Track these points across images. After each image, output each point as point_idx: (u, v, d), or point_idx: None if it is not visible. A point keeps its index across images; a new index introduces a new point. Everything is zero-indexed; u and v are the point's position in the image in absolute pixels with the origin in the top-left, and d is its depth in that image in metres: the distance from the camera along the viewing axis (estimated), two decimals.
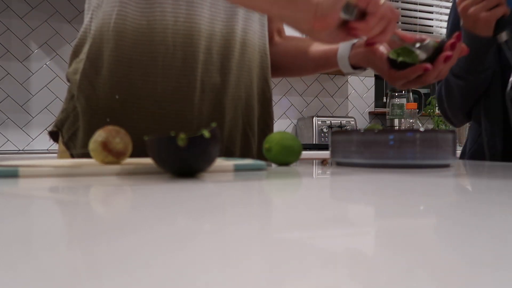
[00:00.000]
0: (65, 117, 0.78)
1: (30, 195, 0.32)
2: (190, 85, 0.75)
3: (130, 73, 0.73)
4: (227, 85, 0.79)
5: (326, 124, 2.63)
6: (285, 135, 0.65)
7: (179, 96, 0.75)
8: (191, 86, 0.75)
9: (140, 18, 0.73)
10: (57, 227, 0.20)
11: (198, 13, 0.75)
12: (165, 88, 0.74)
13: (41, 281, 0.12)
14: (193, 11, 0.75)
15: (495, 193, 0.34)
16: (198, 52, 0.75)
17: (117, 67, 0.73)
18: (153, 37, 0.73)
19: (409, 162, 0.59)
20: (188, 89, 0.75)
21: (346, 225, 0.21)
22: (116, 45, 0.73)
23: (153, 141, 0.44)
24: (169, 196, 0.30)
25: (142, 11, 0.73)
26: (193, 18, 0.75)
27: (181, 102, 0.75)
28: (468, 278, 0.13)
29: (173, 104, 0.74)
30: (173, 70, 0.74)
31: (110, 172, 0.48)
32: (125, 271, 0.13)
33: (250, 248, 0.16)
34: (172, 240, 0.17)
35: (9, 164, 0.52)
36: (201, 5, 0.75)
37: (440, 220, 0.22)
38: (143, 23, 0.73)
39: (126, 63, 0.73)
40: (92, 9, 0.78)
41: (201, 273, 0.13)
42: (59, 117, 0.80)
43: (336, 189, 0.37)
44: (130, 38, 0.73)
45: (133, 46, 0.73)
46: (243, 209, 0.25)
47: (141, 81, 0.73)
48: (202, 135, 0.43)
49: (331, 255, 0.15)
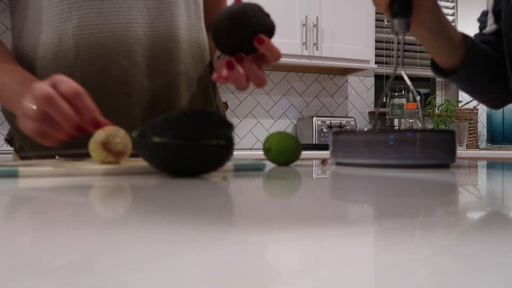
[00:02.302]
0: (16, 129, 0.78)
1: (29, 195, 0.32)
2: (124, 97, 0.72)
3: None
4: (157, 88, 0.75)
5: (326, 124, 2.63)
6: (284, 135, 0.65)
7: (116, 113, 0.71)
8: (124, 95, 0.72)
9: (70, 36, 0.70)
10: (57, 227, 0.20)
11: (112, 21, 0.71)
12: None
13: (41, 280, 0.12)
14: (109, 19, 0.71)
15: (496, 193, 0.34)
16: (119, 58, 0.71)
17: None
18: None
19: (409, 162, 0.59)
20: (123, 100, 0.72)
21: (346, 225, 0.21)
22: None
23: (162, 145, 0.43)
24: (169, 196, 0.30)
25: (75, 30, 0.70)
26: (106, 27, 0.71)
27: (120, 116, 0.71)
28: (468, 278, 0.13)
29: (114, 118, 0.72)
30: (107, 87, 0.71)
31: (109, 172, 0.48)
32: (125, 271, 0.13)
33: (250, 248, 0.16)
34: (172, 240, 0.17)
35: (9, 164, 0.52)
36: (115, 13, 0.71)
37: (441, 220, 0.22)
38: (70, 42, 0.70)
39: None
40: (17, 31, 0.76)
41: (201, 273, 0.13)
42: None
43: (336, 189, 0.37)
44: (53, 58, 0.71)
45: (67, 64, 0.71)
46: (242, 209, 0.25)
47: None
48: (219, 144, 0.42)
49: (331, 255, 0.15)
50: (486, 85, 0.82)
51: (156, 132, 0.42)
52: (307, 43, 2.50)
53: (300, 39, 2.49)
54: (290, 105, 2.92)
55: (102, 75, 0.71)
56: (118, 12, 0.71)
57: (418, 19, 0.69)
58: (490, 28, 0.83)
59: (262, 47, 0.60)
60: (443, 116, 3.01)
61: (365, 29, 2.65)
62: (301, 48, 2.50)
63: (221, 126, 0.43)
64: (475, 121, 3.10)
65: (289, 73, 2.90)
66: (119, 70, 0.71)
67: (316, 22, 2.52)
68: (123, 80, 0.71)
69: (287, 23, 2.46)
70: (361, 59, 2.64)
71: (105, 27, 0.70)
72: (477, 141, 3.12)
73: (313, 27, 2.52)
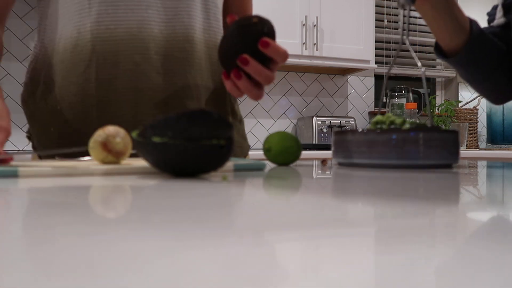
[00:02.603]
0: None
1: (29, 195, 0.32)
2: (138, 91, 0.74)
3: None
4: (171, 86, 0.76)
5: (326, 124, 2.63)
6: (284, 135, 0.65)
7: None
8: (138, 89, 0.74)
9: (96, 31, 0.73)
10: (57, 227, 0.20)
11: (129, 17, 0.73)
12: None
13: (41, 280, 0.12)
14: (135, 17, 0.73)
15: (497, 193, 0.34)
16: (133, 54, 0.73)
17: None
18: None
19: (411, 162, 0.59)
20: (133, 95, 0.74)
21: (346, 225, 0.21)
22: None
23: (166, 145, 0.42)
24: (169, 196, 0.30)
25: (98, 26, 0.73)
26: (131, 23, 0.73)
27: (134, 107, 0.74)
28: (468, 278, 0.13)
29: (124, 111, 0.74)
30: (120, 81, 0.73)
31: (109, 172, 0.48)
32: (125, 271, 0.13)
33: (250, 248, 0.16)
34: (172, 240, 0.17)
35: (9, 163, 0.52)
36: (132, 10, 0.73)
37: (441, 220, 0.22)
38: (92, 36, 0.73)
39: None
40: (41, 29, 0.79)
41: (201, 273, 0.13)
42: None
43: (336, 189, 0.37)
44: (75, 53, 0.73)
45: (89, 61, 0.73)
46: (242, 209, 0.25)
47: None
48: (219, 144, 0.42)
49: (331, 255, 0.15)
50: (489, 75, 0.81)
51: (156, 132, 0.42)
52: (307, 43, 2.50)
53: (300, 39, 2.49)
54: (290, 105, 2.92)
55: (116, 70, 0.72)
56: (136, 10, 0.73)
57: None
58: (498, 21, 0.83)
59: (268, 50, 0.60)
60: (443, 116, 3.01)
61: (365, 29, 2.65)
62: (301, 48, 2.50)
63: (221, 126, 0.43)
64: (475, 121, 3.10)
65: (289, 73, 2.90)
66: (132, 65, 0.73)
67: (316, 22, 2.52)
68: (136, 75, 0.73)
69: (287, 23, 2.46)
70: (361, 59, 2.65)
71: (121, 23, 0.72)
72: (477, 141, 3.12)
73: (313, 27, 2.52)
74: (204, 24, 0.79)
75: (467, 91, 3.38)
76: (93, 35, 0.72)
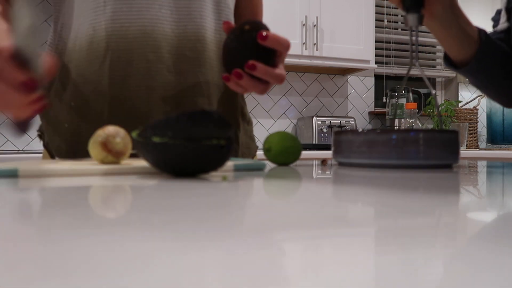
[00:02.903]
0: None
1: (29, 195, 0.32)
2: (148, 89, 0.75)
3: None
4: (182, 85, 0.77)
5: (326, 124, 2.64)
6: (284, 135, 0.65)
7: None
8: (150, 88, 0.75)
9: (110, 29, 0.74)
10: (57, 227, 0.20)
11: (143, 16, 0.74)
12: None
13: (40, 280, 0.12)
14: (143, 15, 0.74)
15: (497, 194, 0.34)
16: (146, 52, 0.74)
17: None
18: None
19: (411, 162, 0.59)
20: (144, 93, 0.75)
21: (347, 225, 0.21)
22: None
23: (166, 145, 0.42)
24: (169, 196, 0.30)
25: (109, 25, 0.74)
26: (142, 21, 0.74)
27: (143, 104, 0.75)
28: (469, 278, 0.13)
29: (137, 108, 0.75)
30: (133, 79, 0.74)
31: (109, 172, 0.48)
32: (125, 271, 0.13)
33: (250, 248, 0.16)
34: (172, 240, 0.17)
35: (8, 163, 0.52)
36: (146, 9, 0.74)
37: (441, 220, 0.22)
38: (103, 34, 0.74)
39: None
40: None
41: (201, 273, 0.13)
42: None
43: (336, 189, 0.37)
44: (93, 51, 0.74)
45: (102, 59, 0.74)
46: (242, 209, 0.25)
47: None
48: (219, 144, 0.42)
49: (331, 255, 0.15)
50: (500, 81, 0.81)
51: (156, 132, 0.42)
52: (307, 43, 2.50)
53: (300, 39, 2.49)
54: (290, 105, 2.92)
55: (129, 67, 0.73)
56: (149, 8, 0.74)
57: (429, 12, 0.70)
58: (502, 26, 0.83)
59: (268, 42, 0.60)
60: (443, 116, 3.01)
61: (365, 29, 2.65)
62: (301, 48, 2.50)
63: (221, 126, 0.43)
64: (475, 121, 3.10)
65: (289, 73, 2.90)
66: (145, 63, 0.74)
67: (316, 22, 2.52)
68: (148, 73, 0.74)
69: (287, 23, 2.46)
70: (361, 59, 2.65)
71: (135, 21, 0.73)
72: (477, 141, 3.12)
73: (313, 27, 2.52)
74: (216, 24, 0.80)
75: (467, 91, 3.38)
76: (108, 32, 0.73)
